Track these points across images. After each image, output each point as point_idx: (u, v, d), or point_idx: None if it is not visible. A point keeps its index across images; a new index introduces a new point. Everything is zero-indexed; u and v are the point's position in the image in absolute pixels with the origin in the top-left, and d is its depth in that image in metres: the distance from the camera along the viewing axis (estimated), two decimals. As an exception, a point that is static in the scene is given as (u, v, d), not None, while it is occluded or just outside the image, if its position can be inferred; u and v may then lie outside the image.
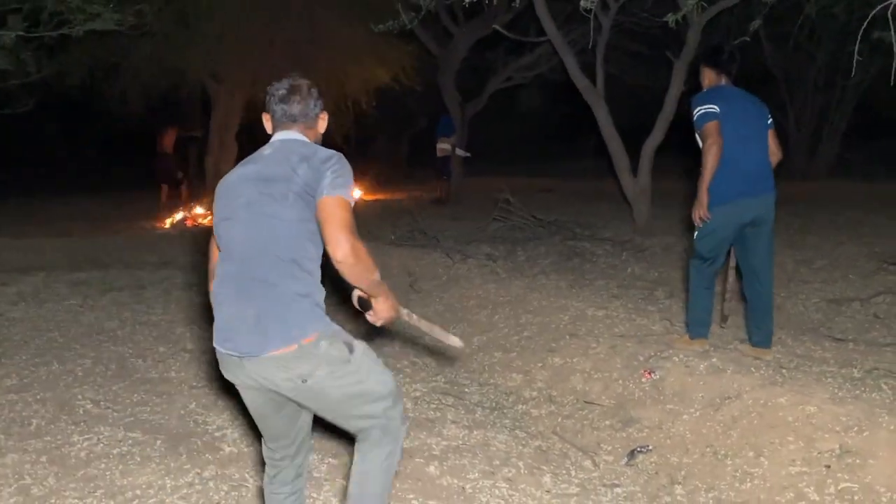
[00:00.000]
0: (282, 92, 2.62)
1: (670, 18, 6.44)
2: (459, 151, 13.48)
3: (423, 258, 7.60)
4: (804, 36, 12.21)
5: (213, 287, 2.52)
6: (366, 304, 2.61)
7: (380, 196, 14.90)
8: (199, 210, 11.97)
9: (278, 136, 2.62)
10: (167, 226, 11.31)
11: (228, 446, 3.79)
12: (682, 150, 4.63)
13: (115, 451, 3.73)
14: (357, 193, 14.36)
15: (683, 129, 4.48)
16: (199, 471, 3.53)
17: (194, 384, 4.68)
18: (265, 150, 2.61)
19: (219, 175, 11.56)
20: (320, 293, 2.46)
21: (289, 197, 2.42)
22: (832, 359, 4.60)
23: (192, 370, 4.94)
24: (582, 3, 4.93)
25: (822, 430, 3.42)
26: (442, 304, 6.43)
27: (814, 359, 4.58)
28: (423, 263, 7.46)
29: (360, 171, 16.58)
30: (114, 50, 11.94)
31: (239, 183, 2.54)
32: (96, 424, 4.05)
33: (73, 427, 4.01)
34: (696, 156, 4.44)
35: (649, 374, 4.33)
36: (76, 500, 3.25)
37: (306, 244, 2.43)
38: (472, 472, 3.52)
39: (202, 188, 13.84)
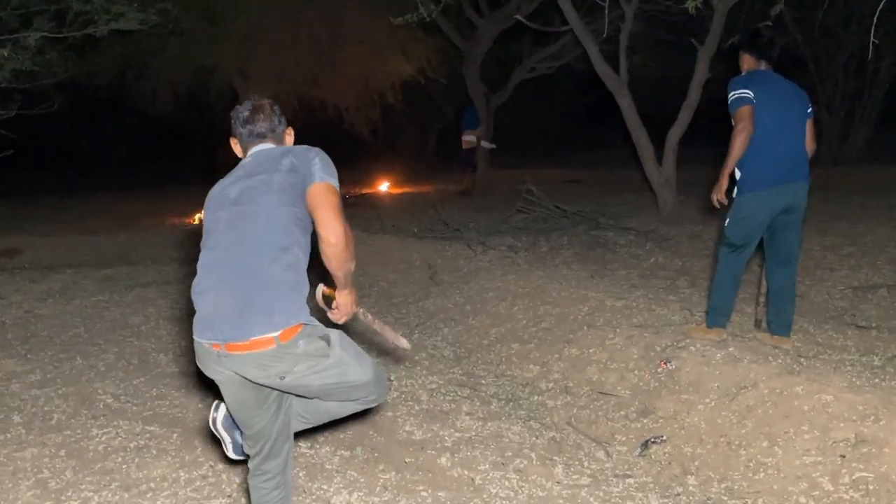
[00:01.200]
0: (245, 114, 2.67)
1: (690, 5, 6.36)
2: (485, 143, 13.45)
3: (445, 250, 7.59)
4: (832, 20, 11.96)
5: (195, 280, 2.54)
6: (329, 301, 2.66)
7: (407, 189, 14.93)
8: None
9: (252, 151, 2.67)
10: (195, 222, 11.43)
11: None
12: (708, 139, 4.52)
13: (132, 445, 3.79)
14: (384, 187, 14.45)
15: (709, 116, 4.35)
16: (212, 464, 3.57)
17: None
18: (244, 162, 2.66)
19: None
20: (305, 279, 2.47)
21: (272, 185, 2.46)
22: (853, 347, 4.53)
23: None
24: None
25: (838, 419, 3.36)
26: (462, 295, 6.42)
27: (834, 347, 4.52)
28: (444, 255, 7.45)
29: (388, 165, 16.65)
30: (142, 49, 12.12)
31: (223, 189, 2.58)
32: (115, 418, 4.12)
33: (92, 421, 4.09)
34: (727, 142, 4.30)
35: (665, 364, 4.29)
36: (92, 493, 3.31)
37: (292, 228, 2.44)
38: (483, 463, 3.52)
39: None
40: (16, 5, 7.35)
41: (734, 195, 4.35)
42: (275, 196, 2.45)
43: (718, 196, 4.33)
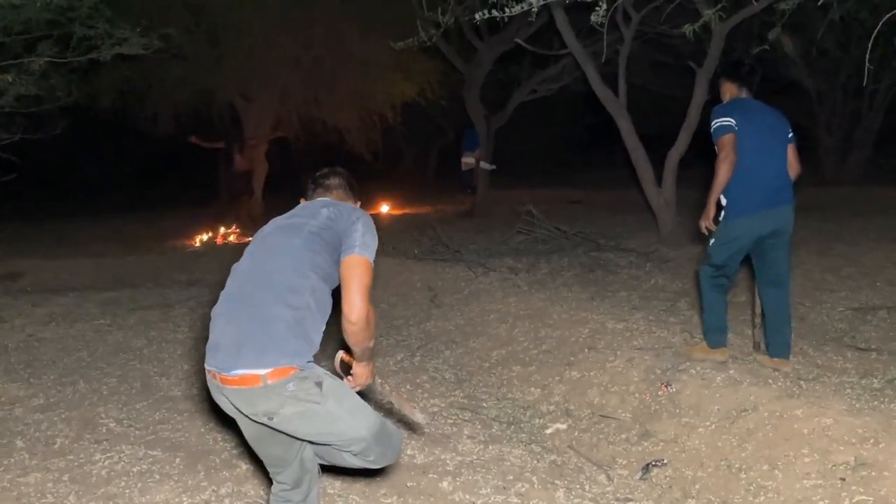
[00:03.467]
0: (324, 171, 2.89)
1: (687, 29, 6.42)
2: (484, 165, 13.50)
3: (446, 272, 7.62)
4: (830, 42, 12.05)
5: (214, 307, 2.58)
6: (347, 369, 2.68)
7: (406, 210, 14.98)
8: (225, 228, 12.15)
9: (321, 200, 2.79)
10: (196, 244, 11.47)
11: (245, 464, 3.84)
12: (708, 160, 4.69)
13: (135, 469, 3.80)
14: (385, 208, 14.49)
15: (708, 138, 4.53)
16: (215, 488, 3.59)
17: (215, 401, 4.73)
18: (295, 208, 2.77)
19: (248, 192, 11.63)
20: (315, 329, 2.47)
21: (304, 230, 2.51)
22: (853, 369, 4.55)
23: (215, 387, 5.01)
24: (592, 17, 4.91)
25: (838, 443, 3.38)
26: (462, 318, 6.45)
27: (834, 369, 4.53)
28: (445, 277, 7.48)
29: (388, 185, 16.68)
30: (144, 72, 12.21)
31: (266, 226, 2.69)
32: (118, 443, 4.14)
33: (95, 446, 4.10)
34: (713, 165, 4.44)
35: (666, 386, 4.31)
36: (95, 518, 3.32)
37: (309, 273, 2.46)
38: (484, 487, 3.53)
39: (234, 206, 14.02)
40: (20, 30, 7.41)
41: (721, 219, 4.46)
42: (301, 240, 2.50)
43: (706, 223, 4.46)
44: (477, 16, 4.83)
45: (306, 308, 2.44)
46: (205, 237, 11.79)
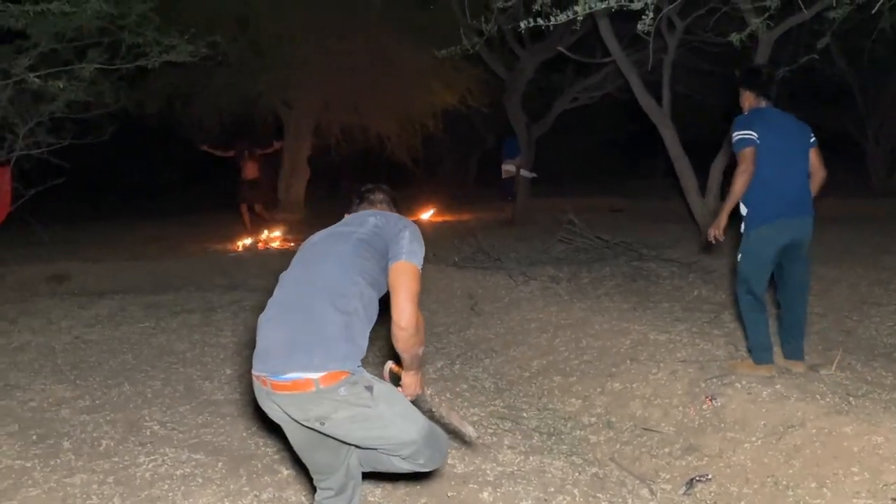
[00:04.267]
0: (369, 186, 2.93)
1: (735, 38, 6.36)
2: (524, 172, 13.46)
3: (486, 280, 7.60)
4: (882, 50, 11.81)
5: (261, 314, 2.60)
6: (396, 379, 2.71)
7: (446, 217, 14.99)
8: (269, 233, 12.24)
9: (355, 213, 2.84)
10: (239, 248, 11.58)
11: (287, 469, 3.86)
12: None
13: (178, 473, 3.84)
14: (424, 215, 14.51)
15: None
16: (257, 493, 3.61)
17: (258, 406, 4.76)
18: (343, 219, 2.82)
19: (291, 197, 11.84)
20: (362, 334, 2.48)
21: (352, 237, 2.54)
22: (904, 386, 4.44)
23: (256, 392, 5.04)
24: (639, 26, 4.89)
25: (890, 462, 3.30)
26: (503, 326, 6.42)
27: (884, 385, 4.42)
28: (485, 285, 7.47)
29: (428, 192, 16.71)
30: (190, 79, 12.38)
31: (313, 236, 2.73)
32: (162, 445, 4.18)
33: (139, 448, 4.15)
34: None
35: (710, 400, 4.25)
36: (139, 521, 3.35)
37: (358, 279, 2.48)
38: (525, 499, 3.51)
39: (275, 211, 14.15)
40: (71, 38, 7.57)
41: (742, 231, 4.52)
42: (350, 247, 2.53)
43: (716, 233, 4.49)
44: (522, 24, 4.83)
45: (355, 313, 2.46)
46: (247, 242, 11.89)
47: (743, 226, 4.50)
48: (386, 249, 2.56)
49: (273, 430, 4.35)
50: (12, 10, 6.46)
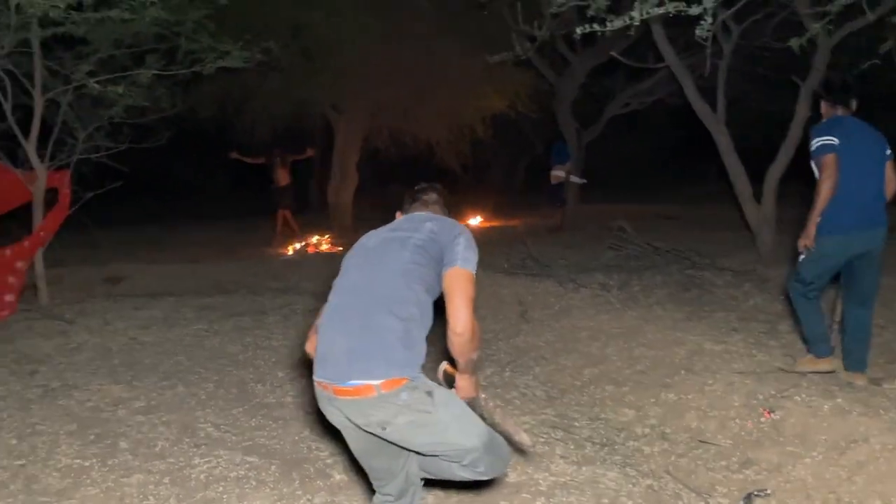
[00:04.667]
0: (422, 185, 2.93)
1: (794, 43, 6.22)
2: (574, 178, 13.37)
3: (535, 287, 7.56)
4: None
5: (320, 319, 2.61)
6: (451, 381, 2.71)
7: (495, 223, 14.96)
8: (318, 237, 12.33)
9: (407, 214, 2.85)
10: (289, 252, 11.68)
11: (339, 474, 3.87)
12: (803, 178, 4.73)
13: (232, 475, 3.87)
14: (473, 221, 14.49)
15: (808, 155, 4.53)
16: (309, 497, 3.62)
17: (309, 410, 4.78)
18: (396, 221, 2.82)
19: (339, 202, 11.89)
20: (420, 340, 2.49)
21: (409, 243, 2.53)
22: (973, 402, 4.29)
23: (308, 396, 5.05)
24: (697, 31, 4.81)
25: (959, 481, 3.19)
26: (553, 334, 6.37)
27: (951, 401, 4.29)
28: (535, 292, 7.42)
29: (477, 197, 16.67)
30: (243, 84, 12.54)
31: (367, 239, 2.72)
32: (216, 447, 4.22)
33: (194, 449, 4.19)
34: (813, 184, 4.53)
35: (769, 413, 4.15)
36: (194, 522, 3.38)
37: (414, 286, 2.48)
38: (579, 510, 3.46)
39: (324, 216, 14.25)
40: (129, 44, 7.71)
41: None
42: (408, 253, 2.53)
43: (806, 242, 4.51)
44: (578, 30, 4.79)
45: (413, 319, 2.47)
46: (297, 245, 12.00)
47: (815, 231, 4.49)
48: (441, 255, 2.56)
49: (325, 434, 4.38)
50: (74, 16, 6.59)
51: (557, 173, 13.58)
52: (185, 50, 7.83)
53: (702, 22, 4.78)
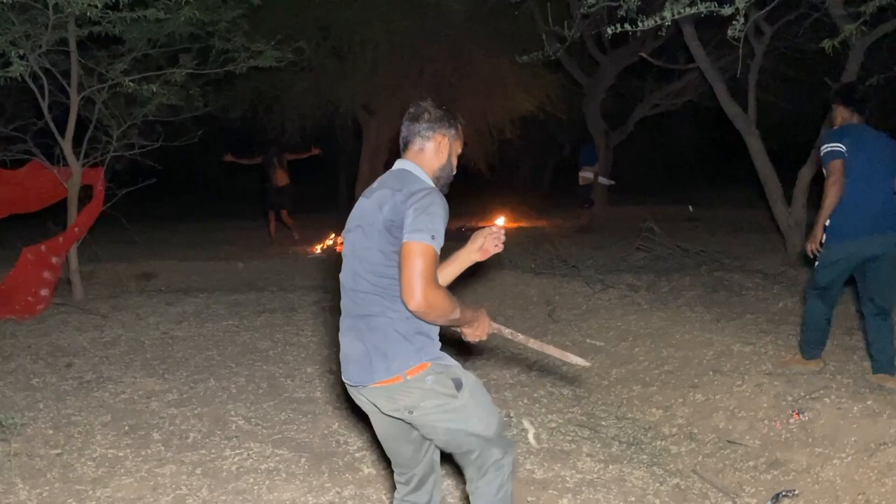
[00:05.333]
0: (410, 111, 2.79)
1: (827, 44, 6.18)
2: (602, 179, 13.34)
3: (563, 287, 7.57)
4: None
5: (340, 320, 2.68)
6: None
7: (522, 223, 14.96)
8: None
9: (394, 167, 2.72)
10: (318, 251, 11.77)
11: (367, 467, 3.91)
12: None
13: (262, 467, 3.93)
14: (500, 221, 14.49)
15: None
16: (339, 490, 3.67)
17: (337, 405, 4.84)
18: (380, 178, 2.70)
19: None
20: (423, 324, 2.50)
21: (374, 232, 2.50)
22: None
23: (337, 391, 5.12)
24: (729, 32, 4.80)
25: None
26: (581, 333, 6.38)
27: (983, 405, 4.24)
28: (562, 292, 7.43)
29: (504, 198, 16.66)
30: (273, 84, 12.64)
31: (358, 204, 2.66)
32: (247, 440, 4.29)
33: (225, 442, 4.27)
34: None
35: (798, 414, 4.14)
36: (226, 512, 3.45)
37: (396, 274, 2.47)
38: (606, 507, 3.48)
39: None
40: (163, 43, 7.82)
41: (824, 242, 4.60)
42: (376, 242, 2.48)
43: (813, 246, 4.61)
44: (609, 30, 4.80)
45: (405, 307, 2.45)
46: (326, 244, 12.08)
47: (825, 237, 4.57)
48: (402, 234, 2.44)
49: (353, 428, 4.44)
50: (111, 16, 6.71)
51: (586, 174, 13.55)
52: (217, 49, 7.92)
53: (734, 22, 4.77)
